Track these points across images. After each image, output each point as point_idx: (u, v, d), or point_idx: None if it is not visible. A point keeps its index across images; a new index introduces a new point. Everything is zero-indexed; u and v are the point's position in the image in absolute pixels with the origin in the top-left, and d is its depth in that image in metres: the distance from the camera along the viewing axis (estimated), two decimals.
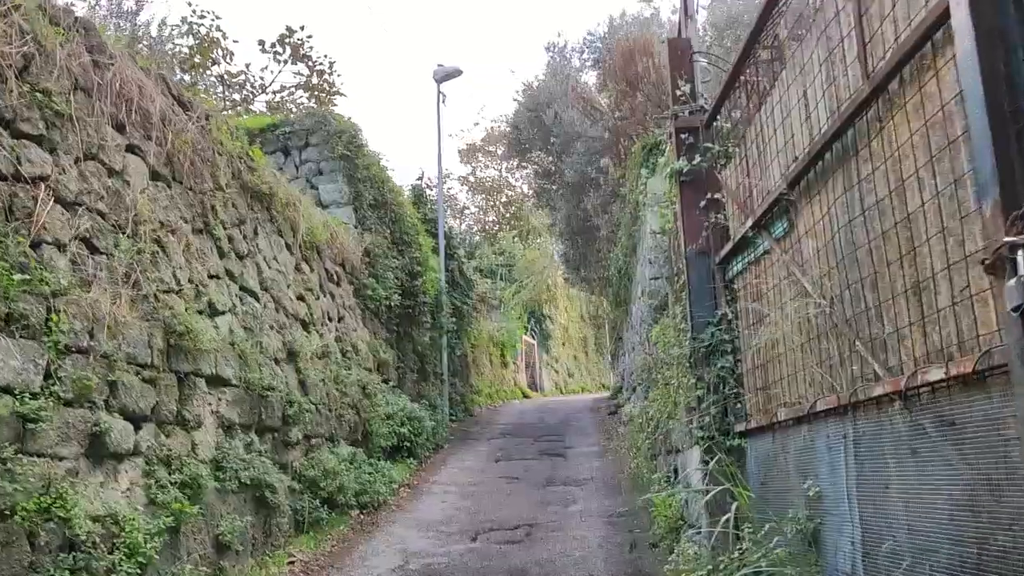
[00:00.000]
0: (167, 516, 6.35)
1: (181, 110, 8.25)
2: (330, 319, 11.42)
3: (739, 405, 6.35)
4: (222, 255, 8.49)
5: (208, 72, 18.04)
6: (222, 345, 7.84)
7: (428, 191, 20.59)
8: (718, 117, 7.00)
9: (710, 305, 6.75)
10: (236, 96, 17.92)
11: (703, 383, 6.58)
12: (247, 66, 21.14)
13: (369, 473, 11.14)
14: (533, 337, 33.75)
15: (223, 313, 8.17)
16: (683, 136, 7.00)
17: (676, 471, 9.09)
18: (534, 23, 75.62)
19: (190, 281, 7.69)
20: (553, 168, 21.15)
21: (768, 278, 5.71)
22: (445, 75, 19.78)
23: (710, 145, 6.88)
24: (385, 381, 13.56)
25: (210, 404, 7.59)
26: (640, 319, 15.77)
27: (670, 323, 9.09)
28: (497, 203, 40.10)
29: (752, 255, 6.05)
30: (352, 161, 13.73)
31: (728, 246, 6.47)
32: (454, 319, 20.17)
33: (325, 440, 10.22)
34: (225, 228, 8.63)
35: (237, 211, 8.94)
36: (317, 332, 10.67)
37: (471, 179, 40.13)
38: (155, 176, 7.51)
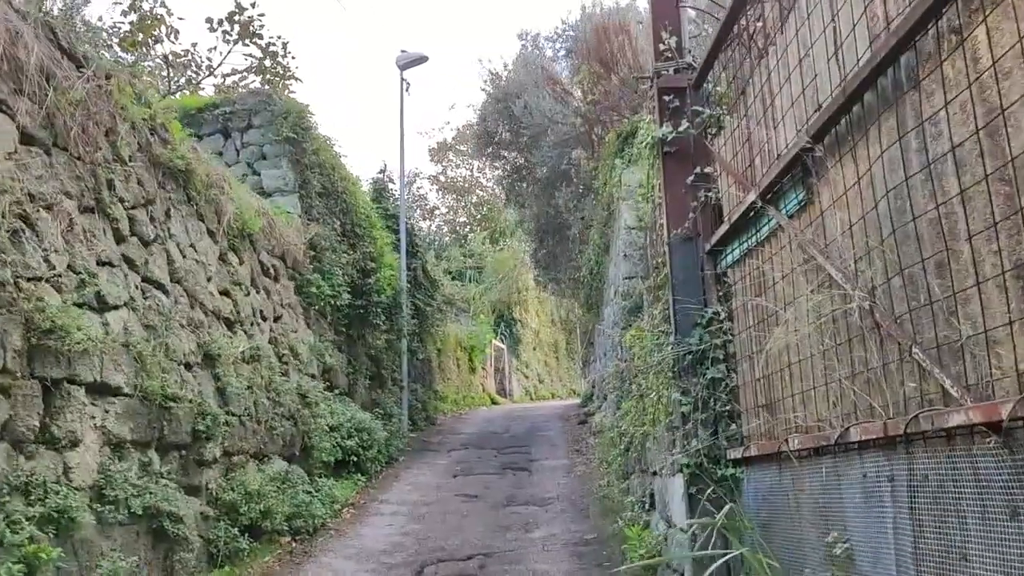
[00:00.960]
0: (14, 563, 4.98)
1: (71, 65, 6.87)
2: (263, 318, 10.05)
3: (733, 426, 5.10)
4: (120, 239, 7.10)
5: (151, 52, 16.58)
6: (111, 346, 6.45)
7: (391, 184, 19.26)
8: (709, 77, 5.77)
9: (698, 302, 5.50)
10: (182, 79, 16.45)
11: (689, 397, 5.32)
12: (193, 46, 19.65)
13: (306, 493, 9.78)
14: (503, 341, 32.45)
15: (116, 308, 6.78)
16: (667, 99, 5.75)
17: (652, 496, 7.84)
18: (506, 11, 73.19)
19: (71, 268, 6.30)
20: (523, 163, 19.90)
21: (776, 266, 4.47)
22: (409, 62, 18.46)
23: (700, 109, 5.64)
24: (331, 388, 12.18)
25: (93, 418, 6.20)
26: (613, 322, 14.55)
27: (647, 325, 7.85)
28: (468, 204, 38.80)
29: (754, 238, 4.81)
30: (299, 145, 12.37)
31: (722, 229, 5.22)
32: (416, 321, 18.84)
33: (251, 457, 8.84)
34: (126, 207, 7.24)
35: (143, 189, 7.56)
36: (245, 332, 9.29)
37: (441, 178, 38.81)
38: (27, 139, 6.13)
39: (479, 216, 37.70)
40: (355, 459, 11.81)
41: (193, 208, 8.45)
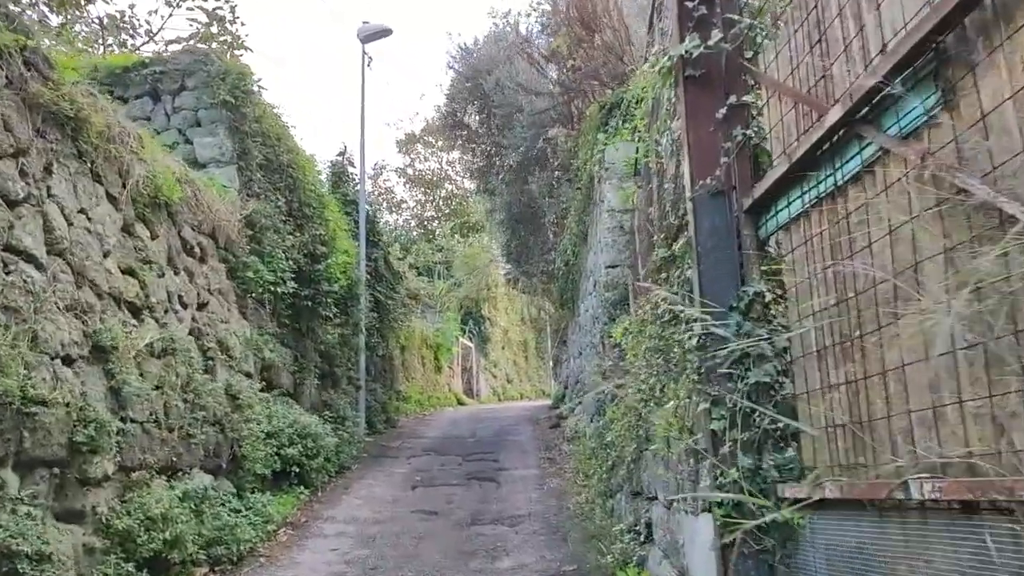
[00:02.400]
0: None
1: None
2: (183, 304, 8.34)
3: (790, 451, 3.56)
4: None
5: (83, 13, 14.76)
6: None
7: (351, 168, 17.57)
8: None
9: (731, 278, 3.95)
10: (116, 46, 14.61)
11: (722, 409, 3.77)
12: (131, 7, 17.79)
13: (232, 512, 8.11)
14: (471, 340, 30.84)
15: None
16: (690, 3, 4.19)
17: (649, 527, 6.30)
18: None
19: None
20: (493, 148, 18.30)
21: (870, 218, 2.93)
22: (371, 34, 16.79)
23: (735, 17, 4.09)
24: (270, 388, 10.50)
25: None
26: (592, 317, 13.03)
27: (645, 314, 6.30)
28: (437, 197, 37.09)
29: (826, 184, 3.27)
30: (238, 110, 10.65)
31: (774, 175, 3.67)
32: (376, 315, 17.17)
33: (159, 472, 7.15)
34: None
35: (12, 136, 5.85)
36: (156, 321, 7.59)
37: (409, 171, 37.07)
38: None
39: (448, 211, 36.03)
40: (297, 470, 10.13)
41: (86, 165, 6.73)
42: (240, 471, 8.91)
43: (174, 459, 7.42)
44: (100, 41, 14.92)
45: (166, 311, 7.82)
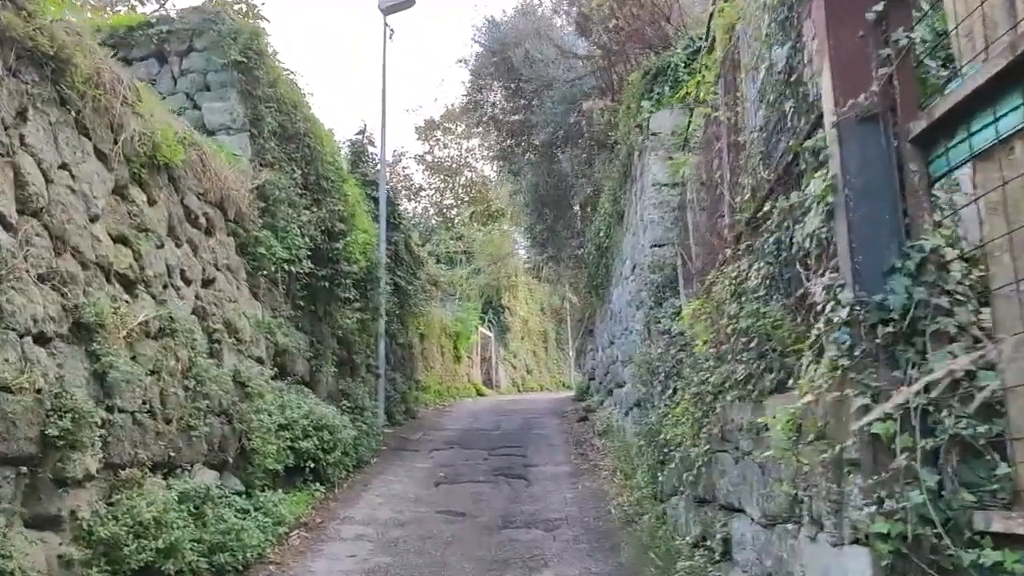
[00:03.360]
0: None
1: None
2: (186, 280, 7.36)
3: (1004, 467, 2.51)
4: None
5: None
6: None
7: (370, 148, 16.58)
8: None
9: (889, 231, 2.90)
10: (122, 7, 13.66)
11: (889, 407, 2.72)
12: None
13: (239, 514, 7.13)
14: (490, 329, 29.83)
15: None
16: None
17: (727, 543, 5.26)
18: None
19: None
20: (519, 127, 17.23)
21: None
22: (393, 4, 15.74)
23: None
24: (284, 375, 9.53)
25: None
26: (627, 303, 11.98)
27: (723, 289, 5.24)
28: (456, 185, 36.08)
29: None
30: (250, 72, 9.65)
31: (969, 86, 2.60)
32: (396, 300, 16.18)
33: (153, 469, 6.18)
34: None
35: None
36: (153, 296, 6.60)
37: (428, 158, 36.04)
38: None
39: (468, 199, 35.00)
40: (312, 465, 9.16)
41: (69, 115, 5.74)
42: (249, 466, 7.95)
43: (172, 454, 6.44)
44: (110, 7, 13.97)
45: (165, 286, 6.84)
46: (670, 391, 7.88)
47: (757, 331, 4.39)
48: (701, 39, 9.89)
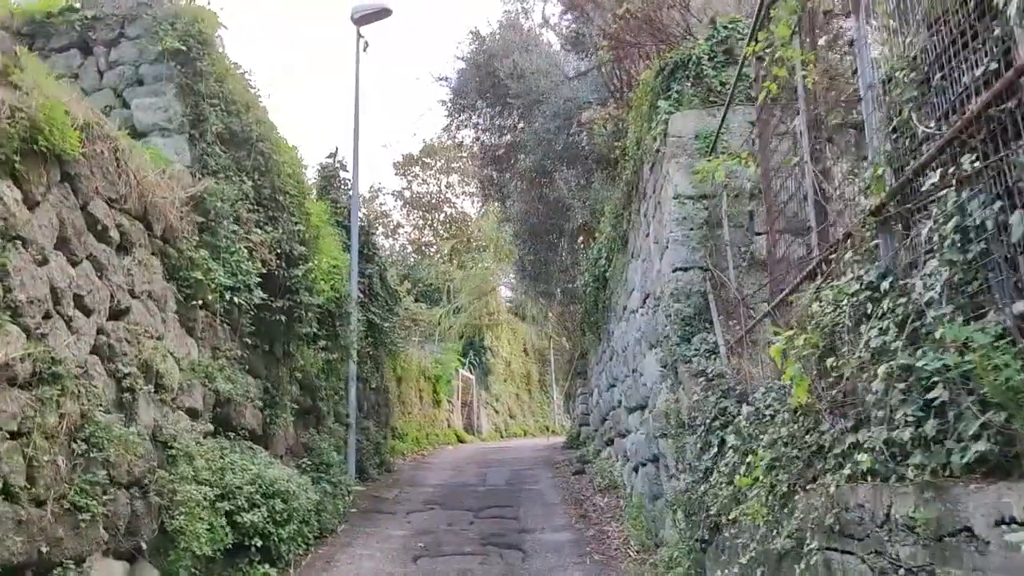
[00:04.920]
0: None
1: None
2: (85, 309, 5.52)
3: None
4: None
5: None
6: None
7: (343, 173, 14.87)
8: None
9: None
10: None
11: None
12: None
13: None
14: (471, 371, 27.92)
15: None
16: None
17: None
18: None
19: None
20: (506, 150, 15.62)
21: None
22: (366, 14, 14.16)
23: None
24: (225, 430, 7.65)
25: None
26: (636, 340, 10.24)
27: (830, 309, 3.52)
28: (435, 221, 34.46)
29: None
30: (191, 64, 7.93)
31: None
32: (369, 339, 14.35)
33: (19, 570, 4.29)
34: None
35: None
36: (26, 330, 4.76)
37: (407, 194, 34.42)
38: None
39: (447, 235, 33.34)
40: (260, 542, 7.24)
41: None
42: (171, 552, 6.04)
43: (44, 549, 4.55)
44: None
45: (47, 316, 4.99)
46: (713, 449, 6.12)
47: (937, 372, 2.66)
48: (731, 27, 8.37)
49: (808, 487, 4.15)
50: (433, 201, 34.49)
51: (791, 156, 4.84)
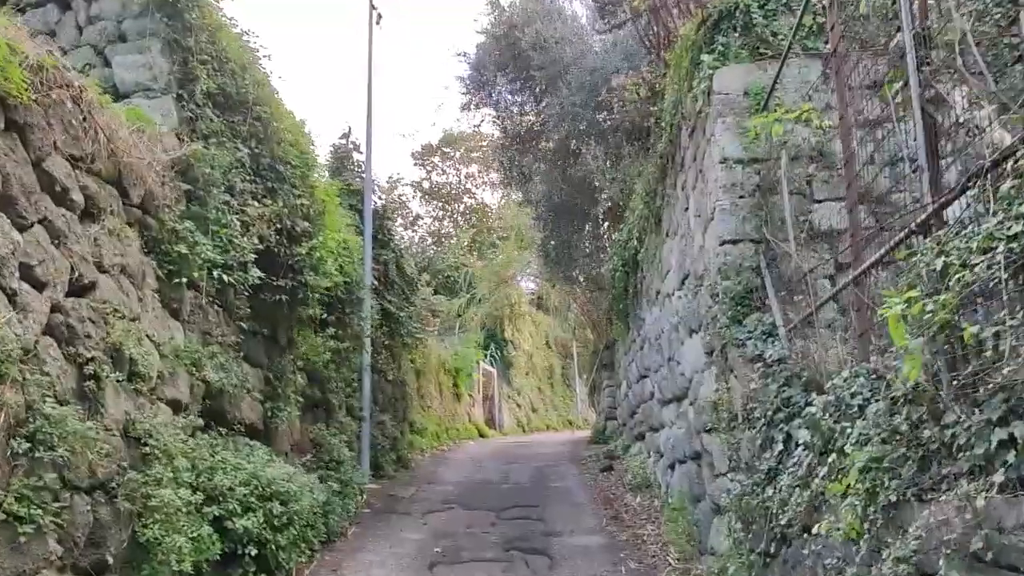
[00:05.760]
0: None
1: None
2: (37, 283, 4.64)
3: None
4: None
5: None
6: None
7: (356, 154, 13.99)
8: None
9: None
10: None
11: None
12: None
13: None
14: (492, 365, 27.00)
15: None
16: None
17: None
18: None
19: None
20: (524, 130, 14.66)
21: None
22: None
23: None
24: (219, 424, 6.78)
25: None
26: (673, 325, 9.26)
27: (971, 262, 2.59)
28: (455, 212, 33.58)
29: None
30: (179, 17, 7.05)
31: None
32: (385, 327, 13.48)
33: None
34: None
35: None
36: None
37: (426, 184, 33.55)
38: None
39: (467, 226, 32.44)
40: (255, 551, 6.36)
41: None
42: (145, 566, 5.17)
43: None
44: None
45: None
46: (777, 446, 5.15)
47: None
48: None
49: (928, 497, 3.19)
50: (453, 192, 33.62)
51: (893, 78, 3.82)
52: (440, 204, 33.91)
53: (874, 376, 4.20)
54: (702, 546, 7.47)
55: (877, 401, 4.00)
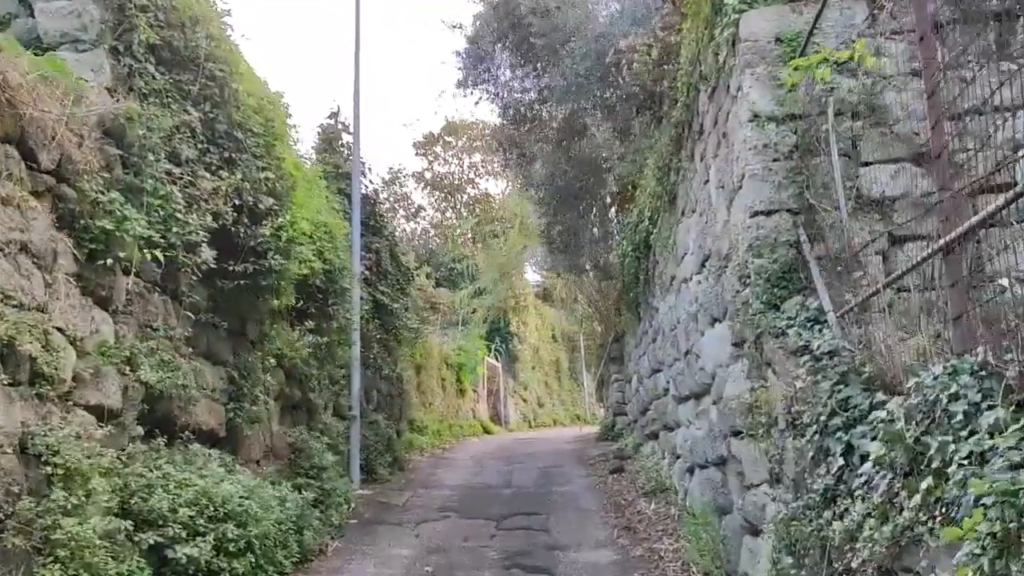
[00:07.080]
0: None
1: None
2: None
3: None
4: None
5: None
6: None
7: (345, 136, 12.89)
8: None
9: None
10: None
11: None
12: None
13: None
14: (497, 359, 25.91)
15: None
16: None
17: None
18: None
19: None
20: (526, 106, 13.53)
21: None
22: None
23: None
24: (159, 433, 5.70)
25: None
26: (692, 315, 8.14)
27: None
28: (457, 202, 32.48)
29: None
30: None
31: None
32: (378, 320, 12.39)
33: None
34: None
35: None
36: None
37: (428, 175, 32.43)
38: None
39: (470, 216, 31.31)
40: None
41: None
42: None
43: None
44: None
45: None
46: (837, 461, 4.01)
47: None
48: None
49: None
50: (456, 182, 32.51)
51: None
52: (443, 195, 32.81)
53: (982, 373, 3.09)
54: (731, 567, 6.35)
55: (993, 408, 2.89)
